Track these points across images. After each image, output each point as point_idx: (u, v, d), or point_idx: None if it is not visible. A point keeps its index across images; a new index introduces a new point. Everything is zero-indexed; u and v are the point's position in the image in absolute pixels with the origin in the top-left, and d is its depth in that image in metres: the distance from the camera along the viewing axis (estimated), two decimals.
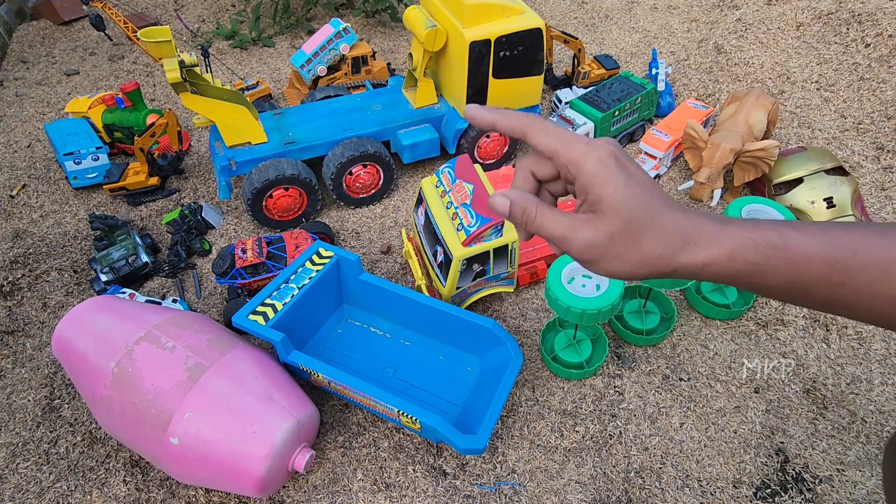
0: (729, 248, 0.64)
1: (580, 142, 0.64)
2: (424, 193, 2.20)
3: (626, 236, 0.63)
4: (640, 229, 0.63)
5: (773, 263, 0.63)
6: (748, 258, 0.63)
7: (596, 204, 0.64)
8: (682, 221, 0.64)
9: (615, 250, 0.64)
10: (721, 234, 0.64)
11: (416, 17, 2.63)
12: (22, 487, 1.85)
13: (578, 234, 0.65)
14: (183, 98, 2.43)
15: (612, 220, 0.63)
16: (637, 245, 0.64)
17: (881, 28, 3.21)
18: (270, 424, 1.61)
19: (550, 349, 2.09)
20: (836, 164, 2.50)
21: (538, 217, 0.67)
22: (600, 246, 0.64)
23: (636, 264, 0.65)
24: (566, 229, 0.65)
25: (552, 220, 0.66)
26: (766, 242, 0.63)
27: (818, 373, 2.01)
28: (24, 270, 2.57)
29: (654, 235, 0.63)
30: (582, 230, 0.64)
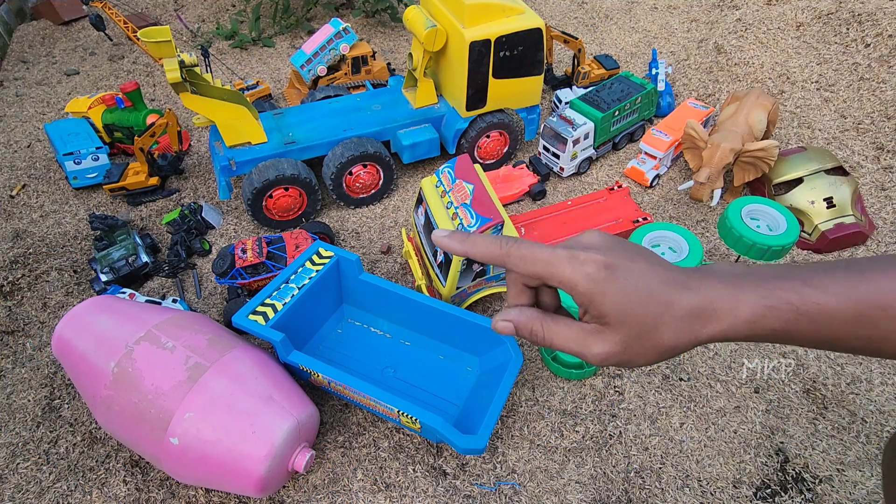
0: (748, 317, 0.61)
1: (563, 262, 0.62)
2: (424, 193, 2.20)
3: (639, 339, 0.63)
4: (652, 328, 0.62)
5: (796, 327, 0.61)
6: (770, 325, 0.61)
7: (600, 318, 0.63)
8: (692, 302, 0.62)
9: (633, 352, 0.63)
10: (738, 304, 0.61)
11: (416, 17, 2.63)
12: (22, 487, 1.85)
13: (592, 348, 0.64)
14: (183, 98, 2.43)
15: (621, 330, 0.62)
16: (653, 342, 0.63)
17: (881, 28, 3.21)
18: (270, 424, 1.61)
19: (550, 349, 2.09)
20: (836, 164, 2.50)
21: (546, 334, 0.66)
22: (618, 354, 0.63)
23: (659, 355, 0.64)
24: (578, 344, 0.65)
25: (562, 336, 0.66)
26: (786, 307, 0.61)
27: (818, 373, 2.01)
28: (24, 270, 2.57)
29: (668, 328, 0.62)
30: (595, 344, 0.64)
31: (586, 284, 0.61)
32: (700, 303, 0.61)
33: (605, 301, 0.61)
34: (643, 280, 0.62)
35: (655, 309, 0.61)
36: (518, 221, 2.53)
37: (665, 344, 0.62)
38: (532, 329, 0.66)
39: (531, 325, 0.66)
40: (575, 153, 2.80)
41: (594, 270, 0.61)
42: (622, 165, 2.97)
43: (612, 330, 0.62)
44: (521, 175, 2.83)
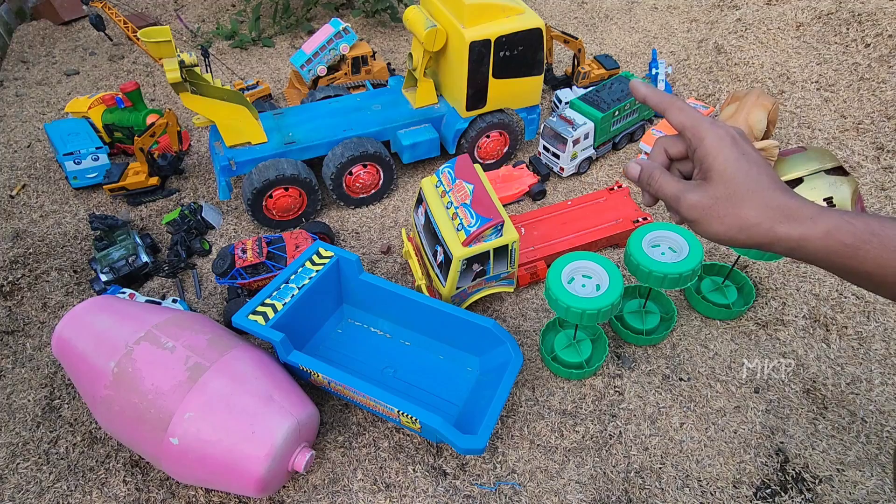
0: (826, 227, 0.68)
1: (707, 121, 0.75)
2: (424, 193, 2.20)
3: (728, 201, 0.71)
4: (742, 197, 0.71)
5: (867, 248, 0.67)
6: (844, 240, 0.67)
7: (707, 172, 0.74)
8: (784, 198, 0.70)
9: (717, 212, 0.72)
10: (821, 215, 0.69)
11: (416, 17, 2.63)
12: (22, 487, 1.85)
13: (688, 195, 0.74)
14: (183, 98, 2.43)
15: (718, 185, 0.72)
16: (737, 210, 0.71)
17: (881, 28, 3.21)
18: (270, 424, 1.61)
19: (550, 349, 2.09)
20: (836, 164, 2.50)
21: (659, 180, 0.78)
22: (704, 207, 0.73)
23: (736, 228, 0.72)
24: (678, 190, 0.76)
25: (669, 184, 0.77)
26: (863, 227, 0.67)
27: (818, 373, 2.01)
28: (24, 270, 2.57)
29: (754, 205, 0.70)
30: (691, 192, 0.74)
31: (712, 140, 0.73)
32: (790, 203, 0.70)
33: (719, 157, 0.72)
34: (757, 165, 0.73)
35: (753, 184, 0.71)
36: (518, 221, 2.53)
37: (743, 218, 0.71)
38: (651, 174, 0.79)
39: (651, 171, 0.79)
40: (575, 153, 2.80)
41: (723, 134, 0.74)
42: (622, 165, 2.97)
43: (710, 185, 0.73)
44: (521, 175, 2.83)
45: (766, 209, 0.70)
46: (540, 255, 2.37)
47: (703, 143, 0.74)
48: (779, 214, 0.70)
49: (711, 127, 0.74)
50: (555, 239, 2.44)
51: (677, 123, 0.77)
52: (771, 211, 0.70)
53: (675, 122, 0.77)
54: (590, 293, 1.81)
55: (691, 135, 0.75)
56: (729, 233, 0.72)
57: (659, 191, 0.78)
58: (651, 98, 0.80)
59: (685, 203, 0.75)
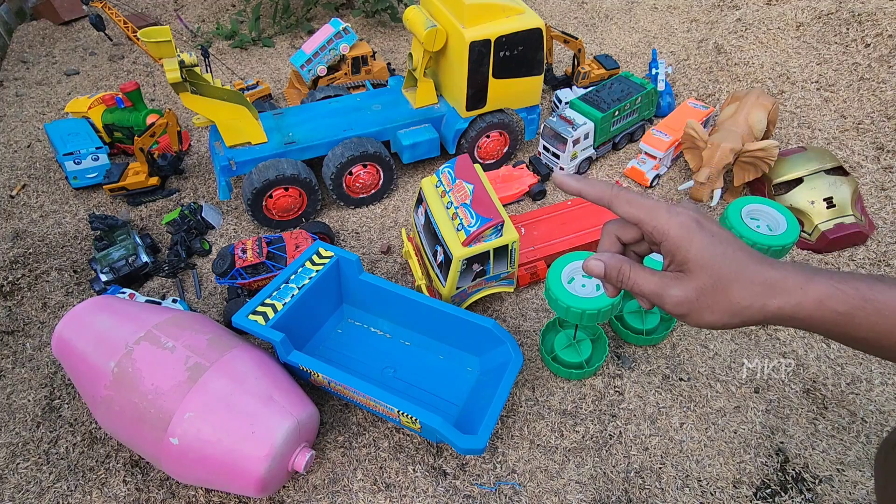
0: (817, 296, 0.65)
1: (662, 210, 0.70)
2: (424, 193, 2.20)
3: (714, 290, 0.68)
4: (727, 282, 0.67)
5: (861, 315, 0.65)
6: (837, 308, 0.65)
7: (683, 264, 0.69)
8: (768, 272, 0.67)
9: (706, 303, 0.68)
10: (809, 283, 0.66)
11: (416, 17, 2.63)
12: (22, 487, 1.85)
13: (670, 291, 0.70)
14: (183, 98, 2.43)
15: (700, 276, 0.68)
16: (726, 296, 0.68)
17: (881, 28, 3.21)
18: (270, 424, 1.61)
19: (550, 349, 2.09)
20: (836, 164, 2.50)
21: (632, 276, 0.73)
22: (691, 301, 0.69)
23: (728, 314, 0.68)
24: (658, 287, 0.71)
25: (644, 279, 0.72)
26: (854, 293, 0.65)
27: (818, 373, 2.01)
28: (24, 270, 2.57)
29: (741, 287, 0.67)
30: (673, 288, 0.69)
31: (678, 231, 0.68)
32: (774, 275, 0.67)
33: (692, 248, 0.68)
34: (729, 244, 0.69)
35: (734, 266, 0.67)
36: (518, 221, 2.53)
37: (733, 303, 0.67)
38: (621, 270, 0.73)
39: (620, 267, 0.73)
40: (575, 153, 2.80)
41: (686, 220, 0.69)
42: (622, 165, 2.97)
43: (691, 277, 0.68)
44: (521, 175, 2.83)
45: (752, 288, 0.67)
46: (540, 255, 2.37)
47: (667, 236, 0.69)
48: (767, 290, 0.67)
49: (669, 216, 0.69)
50: (555, 239, 2.44)
51: (630, 217, 0.72)
52: (758, 288, 0.67)
53: (626, 216, 0.72)
54: (590, 293, 1.81)
55: (650, 229, 0.71)
56: (722, 320, 0.69)
57: (634, 287, 0.73)
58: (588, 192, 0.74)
59: (670, 301, 0.70)
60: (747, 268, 0.68)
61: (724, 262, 0.67)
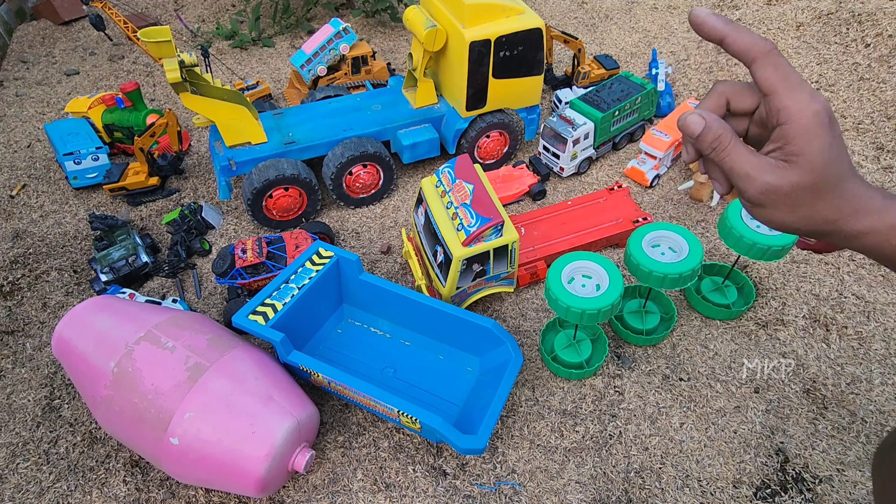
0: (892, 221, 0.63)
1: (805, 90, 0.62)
2: (424, 193, 2.20)
3: (808, 192, 0.64)
4: (824, 190, 0.63)
5: None
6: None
7: (794, 155, 0.63)
8: (858, 191, 0.64)
9: (791, 201, 0.64)
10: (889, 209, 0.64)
11: (416, 17, 2.63)
12: (22, 487, 1.85)
13: (764, 176, 0.64)
14: (183, 98, 2.43)
15: (804, 174, 0.63)
16: (813, 202, 0.64)
17: (881, 28, 3.21)
18: (270, 424, 1.61)
19: (550, 349, 2.09)
20: None
21: (732, 147, 0.65)
22: (780, 193, 0.64)
23: (804, 219, 0.65)
24: (753, 168, 0.64)
25: (743, 156, 0.65)
26: None
27: (818, 373, 2.01)
28: (24, 270, 2.57)
29: (831, 198, 0.64)
30: (769, 173, 0.64)
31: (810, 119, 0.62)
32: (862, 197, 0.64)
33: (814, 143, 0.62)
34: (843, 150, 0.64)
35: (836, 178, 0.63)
36: (518, 221, 2.53)
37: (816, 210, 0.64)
38: (721, 136, 0.65)
39: (721, 132, 0.65)
40: (575, 153, 2.80)
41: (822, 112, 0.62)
42: (622, 165, 2.97)
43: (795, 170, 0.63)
44: (521, 175, 2.83)
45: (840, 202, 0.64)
46: (540, 255, 2.37)
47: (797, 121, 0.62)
48: (849, 209, 0.64)
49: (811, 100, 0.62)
50: (555, 239, 2.44)
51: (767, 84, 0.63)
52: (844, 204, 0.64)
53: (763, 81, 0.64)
54: (590, 293, 1.81)
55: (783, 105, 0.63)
56: (797, 223, 0.66)
57: (727, 161, 0.65)
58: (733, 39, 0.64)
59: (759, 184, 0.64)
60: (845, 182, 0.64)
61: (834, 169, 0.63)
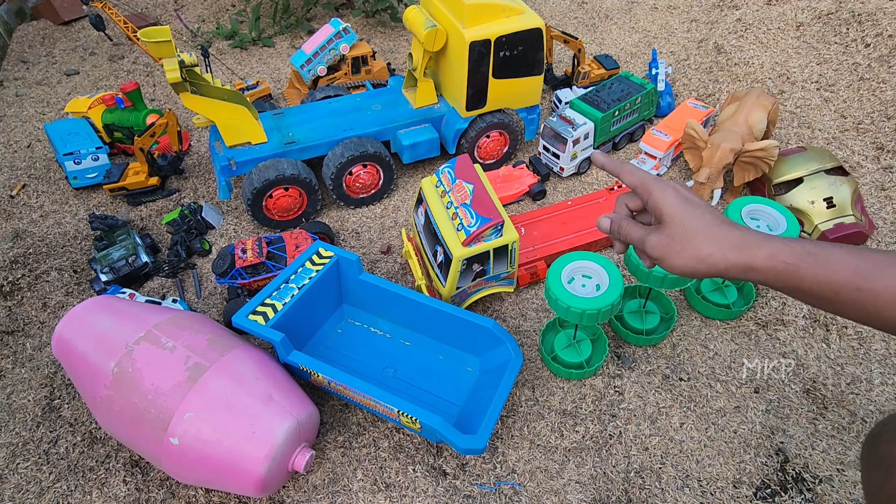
0: (770, 251, 0.82)
1: (653, 179, 0.94)
2: (424, 193, 2.20)
3: (682, 239, 0.88)
4: (694, 234, 0.87)
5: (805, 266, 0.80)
6: (785, 259, 0.81)
7: (660, 218, 0.92)
8: (732, 231, 0.86)
9: (675, 248, 0.88)
10: (764, 242, 0.83)
11: (416, 17, 2.63)
12: (22, 487, 1.85)
13: (650, 236, 0.92)
14: (183, 98, 2.43)
15: (671, 226, 0.89)
16: (693, 245, 0.87)
17: (881, 28, 3.21)
18: (270, 424, 1.61)
19: (550, 349, 2.09)
20: (836, 164, 2.50)
21: (626, 228, 0.97)
22: (664, 245, 0.90)
23: (694, 260, 0.87)
24: (642, 234, 0.94)
25: (634, 230, 0.96)
26: (801, 248, 0.81)
27: (818, 373, 2.01)
28: (24, 270, 2.57)
29: (706, 240, 0.86)
30: (652, 235, 0.92)
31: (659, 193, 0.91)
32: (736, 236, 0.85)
33: (665, 205, 0.90)
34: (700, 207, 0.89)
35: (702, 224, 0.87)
36: (518, 221, 2.53)
37: (702, 252, 0.86)
38: (620, 225, 0.98)
39: (619, 221, 0.98)
40: (575, 153, 2.80)
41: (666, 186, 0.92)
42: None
43: (665, 227, 0.90)
44: (521, 175, 2.83)
45: (716, 242, 0.85)
46: (540, 255, 2.37)
47: (651, 195, 0.92)
48: (728, 245, 0.84)
49: (657, 183, 0.92)
50: (555, 239, 2.44)
51: (629, 183, 0.96)
52: (721, 242, 0.85)
53: (627, 182, 0.96)
54: (590, 293, 1.81)
55: (641, 190, 0.94)
56: (689, 264, 0.87)
57: (627, 237, 0.97)
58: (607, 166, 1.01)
59: (648, 244, 0.92)
60: (712, 227, 0.86)
61: (693, 219, 0.87)
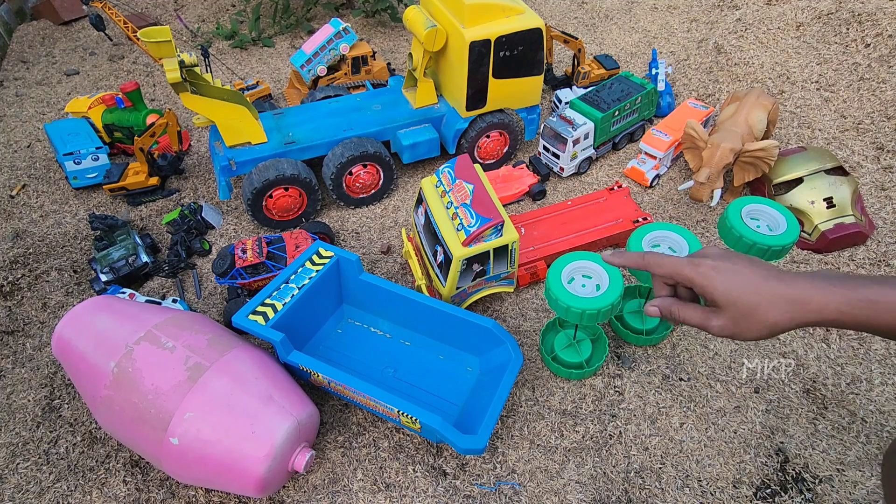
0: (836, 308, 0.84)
1: (685, 265, 0.92)
2: (424, 193, 2.20)
3: (745, 317, 0.87)
4: (754, 309, 0.86)
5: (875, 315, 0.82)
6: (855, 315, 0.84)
7: (714, 304, 0.90)
8: (787, 290, 0.86)
9: (742, 327, 0.88)
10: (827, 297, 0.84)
11: (416, 17, 2.63)
12: (22, 487, 1.85)
13: (712, 322, 0.91)
14: (183, 98, 2.43)
15: (730, 310, 0.88)
16: (757, 319, 0.87)
17: (881, 28, 3.21)
18: (270, 424, 1.61)
19: (550, 349, 2.09)
20: (836, 164, 2.50)
21: (681, 313, 0.95)
22: (730, 328, 0.89)
23: (766, 330, 0.87)
24: (702, 320, 0.93)
25: (691, 315, 0.94)
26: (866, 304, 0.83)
27: (818, 373, 2.01)
28: (24, 270, 2.57)
29: (768, 308, 0.86)
30: (713, 320, 0.91)
31: (702, 281, 0.90)
32: (795, 294, 0.85)
33: (716, 291, 0.89)
34: (744, 276, 0.88)
35: (755, 296, 0.86)
36: (518, 221, 2.53)
37: (770, 321, 0.86)
38: (671, 310, 0.96)
39: (671, 308, 0.96)
40: (575, 153, 2.80)
41: (706, 270, 0.90)
42: (622, 165, 2.97)
43: (723, 311, 0.89)
44: (521, 175, 2.83)
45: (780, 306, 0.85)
46: (540, 255, 2.37)
47: (695, 284, 0.91)
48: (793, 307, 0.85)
49: (692, 269, 0.91)
50: (555, 239, 2.44)
51: (664, 276, 0.96)
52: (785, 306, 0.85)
53: (661, 275, 0.97)
54: (590, 293, 1.81)
55: (682, 279, 0.93)
56: (763, 334, 0.88)
57: (684, 321, 0.95)
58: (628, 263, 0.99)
59: (715, 329, 0.91)
60: (768, 292, 0.86)
61: (745, 294, 0.87)
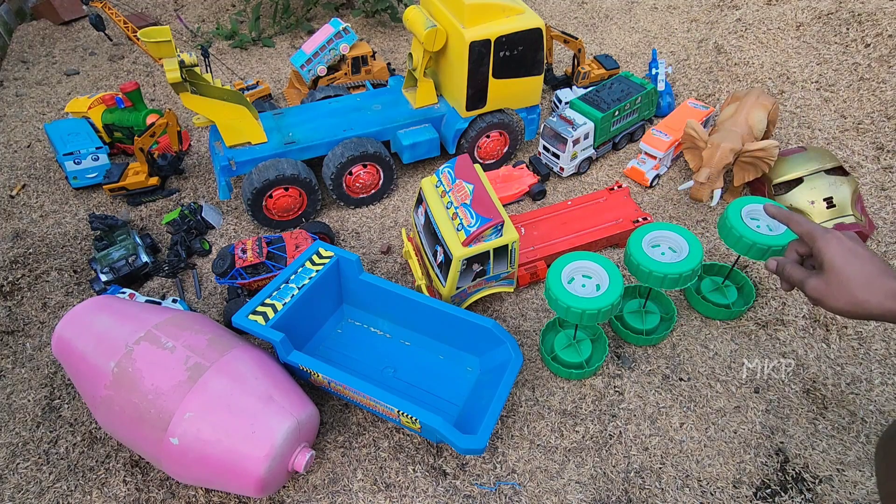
0: None
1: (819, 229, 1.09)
2: (424, 193, 2.20)
3: (839, 286, 1.03)
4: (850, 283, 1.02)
5: None
6: None
7: (821, 265, 1.07)
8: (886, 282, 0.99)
9: (833, 293, 1.04)
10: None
11: (416, 17, 2.63)
12: (22, 487, 1.85)
13: (810, 280, 1.08)
14: (183, 98, 2.43)
15: (830, 275, 1.05)
16: (848, 292, 1.02)
17: (881, 28, 3.21)
18: (270, 424, 1.61)
19: (550, 349, 2.09)
20: (836, 164, 2.50)
21: (789, 270, 1.14)
22: (822, 290, 1.06)
23: (850, 304, 1.01)
24: (803, 277, 1.10)
25: (796, 272, 1.13)
26: None
27: (818, 373, 2.01)
28: (24, 270, 2.57)
29: (862, 288, 1.00)
30: (812, 279, 1.08)
31: (821, 243, 1.08)
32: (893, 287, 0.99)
33: (827, 255, 1.06)
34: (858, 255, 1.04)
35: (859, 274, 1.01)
36: (518, 221, 2.53)
37: (856, 297, 1.01)
38: (784, 266, 1.16)
39: (784, 264, 1.16)
40: (575, 153, 2.80)
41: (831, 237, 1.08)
42: (622, 165, 2.97)
43: (825, 274, 1.06)
44: (521, 175, 2.83)
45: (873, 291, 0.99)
46: (540, 255, 2.37)
47: (815, 244, 1.09)
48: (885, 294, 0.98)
49: (822, 233, 1.08)
50: (555, 239, 2.44)
51: (798, 232, 1.14)
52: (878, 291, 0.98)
53: (796, 231, 1.14)
54: (590, 293, 1.81)
55: (808, 239, 1.11)
56: (845, 308, 1.01)
57: (790, 278, 1.13)
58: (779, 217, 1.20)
59: (808, 286, 1.07)
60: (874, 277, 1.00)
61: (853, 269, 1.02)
